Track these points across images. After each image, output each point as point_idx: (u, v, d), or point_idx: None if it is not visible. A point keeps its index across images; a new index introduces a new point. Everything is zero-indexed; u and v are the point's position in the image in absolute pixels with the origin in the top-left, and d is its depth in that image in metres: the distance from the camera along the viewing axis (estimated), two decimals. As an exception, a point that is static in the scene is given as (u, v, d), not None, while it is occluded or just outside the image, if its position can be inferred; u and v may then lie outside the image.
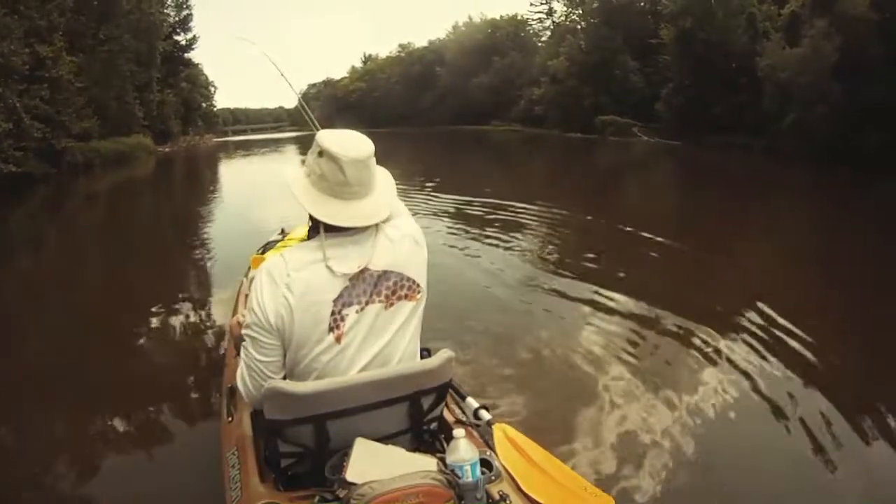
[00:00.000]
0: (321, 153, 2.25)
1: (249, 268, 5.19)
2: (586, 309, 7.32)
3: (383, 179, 2.43)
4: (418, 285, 2.39)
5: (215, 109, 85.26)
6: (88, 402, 5.42)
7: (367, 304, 2.26)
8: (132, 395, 5.40)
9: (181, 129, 57.60)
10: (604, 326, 6.68)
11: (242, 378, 2.36)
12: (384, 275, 2.29)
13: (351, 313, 2.23)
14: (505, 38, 76.05)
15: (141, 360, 6.45)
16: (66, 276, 10.40)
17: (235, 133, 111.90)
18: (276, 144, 60.03)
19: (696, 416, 4.71)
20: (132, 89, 40.87)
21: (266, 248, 5.79)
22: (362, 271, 2.25)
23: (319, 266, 2.21)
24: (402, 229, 2.42)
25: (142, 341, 6.96)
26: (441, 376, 2.40)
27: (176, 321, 7.37)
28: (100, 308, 8.45)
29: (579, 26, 59.88)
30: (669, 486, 3.85)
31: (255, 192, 21.67)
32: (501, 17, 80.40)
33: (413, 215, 2.73)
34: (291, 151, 44.53)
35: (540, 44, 72.07)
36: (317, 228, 2.31)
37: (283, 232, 6.36)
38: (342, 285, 2.22)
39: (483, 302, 7.79)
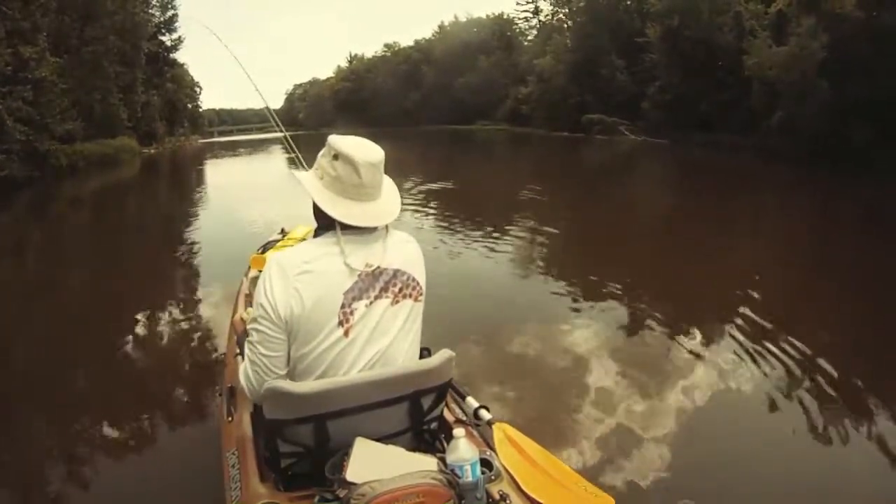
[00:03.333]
0: (336, 156, 2.31)
1: (249, 267, 5.23)
2: (585, 307, 7.39)
3: (389, 184, 2.49)
4: (421, 286, 2.44)
5: (201, 110, 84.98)
6: (88, 404, 5.46)
7: (376, 298, 2.29)
8: (132, 397, 5.42)
9: (166, 130, 57.33)
10: (603, 325, 6.71)
11: (246, 374, 2.38)
12: (395, 273, 2.35)
13: (360, 307, 2.26)
14: (491, 36, 76.09)
15: (141, 361, 6.46)
16: (56, 280, 10.34)
17: (221, 134, 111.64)
18: (261, 145, 60.12)
19: (696, 415, 4.73)
20: (116, 90, 40.57)
21: (266, 247, 5.79)
22: (375, 268, 2.30)
23: (333, 258, 2.25)
24: (405, 235, 2.51)
25: (141, 343, 6.93)
26: (441, 376, 2.40)
27: (175, 323, 7.39)
28: (97, 311, 8.44)
29: (566, 25, 60.04)
30: (670, 484, 3.84)
31: (244, 192, 21.71)
32: (487, 16, 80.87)
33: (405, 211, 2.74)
34: (277, 151, 44.45)
35: (526, 43, 72.27)
36: (326, 227, 2.36)
37: (283, 231, 6.37)
38: (354, 279, 2.25)
39: (482, 300, 7.86)
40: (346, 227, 2.30)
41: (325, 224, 2.38)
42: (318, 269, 2.23)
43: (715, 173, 23.80)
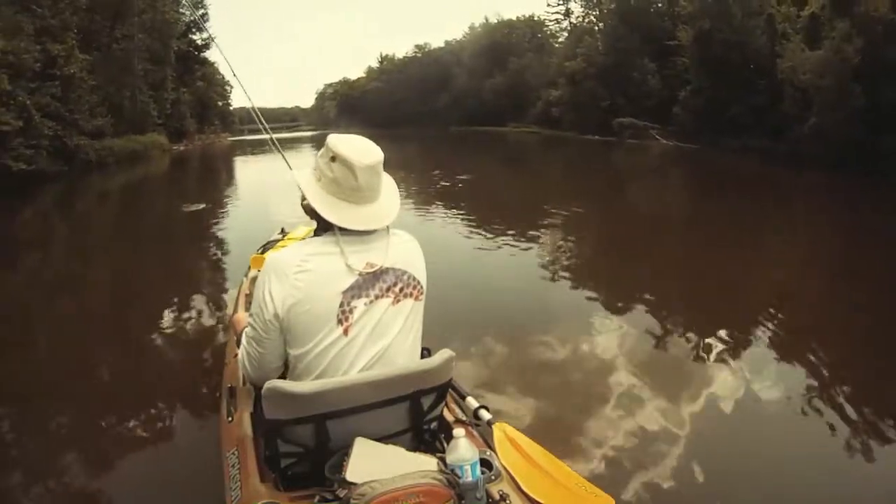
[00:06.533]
0: (334, 158, 2.32)
1: (249, 267, 5.30)
2: (589, 308, 7.40)
3: (389, 184, 2.50)
4: (422, 286, 2.47)
5: (231, 108, 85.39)
6: (89, 403, 5.44)
7: (376, 298, 2.31)
8: (133, 395, 5.41)
9: (197, 127, 57.71)
10: (607, 326, 6.73)
11: (243, 363, 2.51)
12: (397, 273, 2.37)
13: (360, 305, 2.27)
14: (521, 38, 75.97)
15: (141, 360, 6.43)
16: (70, 275, 10.50)
17: (251, 132, 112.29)
18: (291, 143, 60.33)
19: (697, 418, 4.70)
20: (146, 87, 41.36)
21: (266, 247, 5.85)
22: (377, 269, 2.31)
23: (332, 258, 2.27)
24: (405, 234, 2.54)
25: (142, 341, 6.94)
26: (441, 376, 2.42)
27: (177, 321, 7.40)
28: (101, 308, 8.52)
29: (596, 27, 59.74)
30: (670, 485, 3.84)
31: (269, 191, 21.68)
32: (518, 17, 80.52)
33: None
34: (306, 150, 44.67)
35: (557, 45, 72.02)
36: (325, 228, 2.38)
37: (283, 231, 6.45)
38: (353, 278, 2.26)
39: (485, 300, 7.91)
40: (346, 229, 2.31)
41: (324, 225, 2.40)
42: (316, 267, 2.25)
43: (746, 180, 23.32)
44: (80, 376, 5.96)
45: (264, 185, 23.35)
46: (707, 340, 6.32)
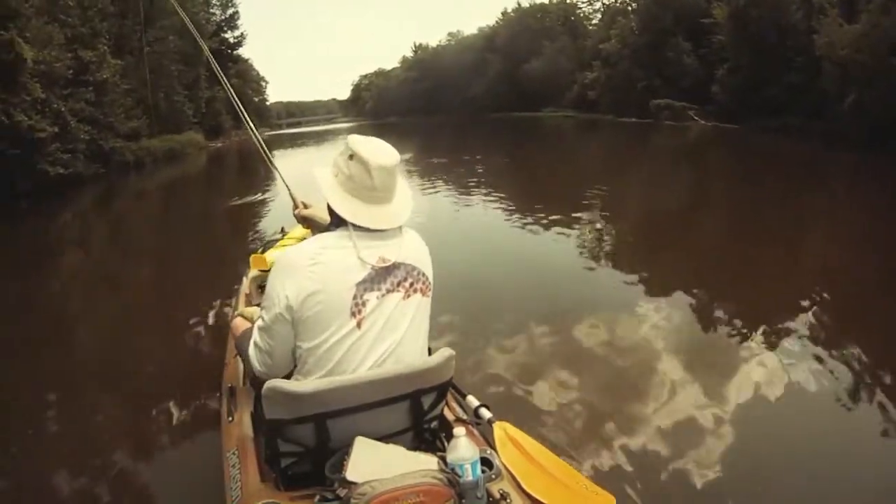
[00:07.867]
0: (352, 156, 2.38)
1: (250, 267, 5.28)
2: (593, 305, 7.20)
3: (403, 188, 2.53)
4: (430, 281, 2.49)
5: (268, 103, 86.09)
6: (90, 400, 5.51)
7: (388, 292, 2.32)
8: (133, 394, 5.48)
9: (233, 124, 58.19)
10: (610, 324, 6.51)
11: (253, 357, 2.48)
12: (407, 268, 2.39)
13: (372, 299, 2.28)
14: (555, 21, 75.62)
15: (143, 359, 6.43)
16: (93, 277, 10.63)
17: (289, 126, 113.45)
18: (328, 136, 60.55)
19: (698, 417, 4.57)
20: (180, 88, 42.26)
21: (266, 247, 5.84)
22: (390, 263, 2.34)
23: (345, 251, 2.29)
24: (415, 233, 2.57)
25: (146, 340, 7.00)
26: (442, 375, 2.42)
27: (180, 320, 7.37)
28: (113, 308, 8.58)
29: (630, 7, 59.22)
30: (671, 484, 3.79)
31: (304, 185, 21.70)
32: (550, 1, 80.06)
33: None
34: (342, 143, 44.85)
35: (591, 27, 71.62)
36: (338, 224, 2.41)
37: (283, 231, 6.42)
38: (366, 271, 2.28)
39: (489, 294, 7.79)
40: (359, 225, 2.34)
41: (337, 221, 2.43)
42: (329, 260, 2.26)
43: (789, 161, 22.93)
44: (82, 374, 6.06)
45: (299, 180, 23.42)
46: (727, 332, 6.26)
